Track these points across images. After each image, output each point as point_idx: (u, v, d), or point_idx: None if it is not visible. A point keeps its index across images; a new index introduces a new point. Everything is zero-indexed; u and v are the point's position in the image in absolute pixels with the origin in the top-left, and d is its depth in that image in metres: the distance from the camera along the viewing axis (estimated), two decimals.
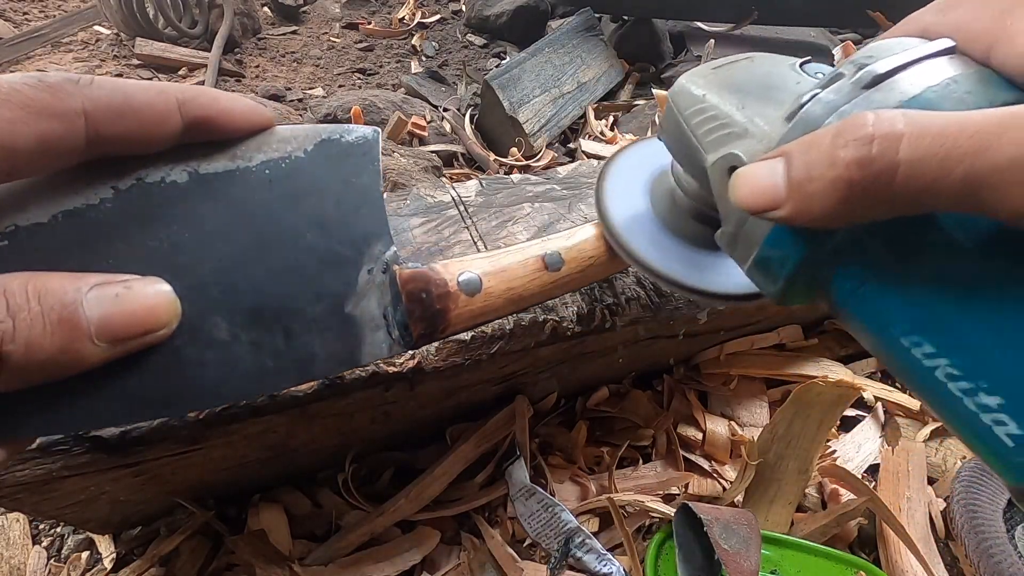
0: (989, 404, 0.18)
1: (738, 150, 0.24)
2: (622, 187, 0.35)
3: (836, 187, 0.18)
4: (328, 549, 0.43)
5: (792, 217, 0.20)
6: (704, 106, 0.26)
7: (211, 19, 1.31)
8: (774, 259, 0.23)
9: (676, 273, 0.32)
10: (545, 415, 0.51)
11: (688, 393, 0.54)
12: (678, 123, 0.27)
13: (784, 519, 0.45)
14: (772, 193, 0.20)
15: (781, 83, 0.25)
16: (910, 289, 0.20)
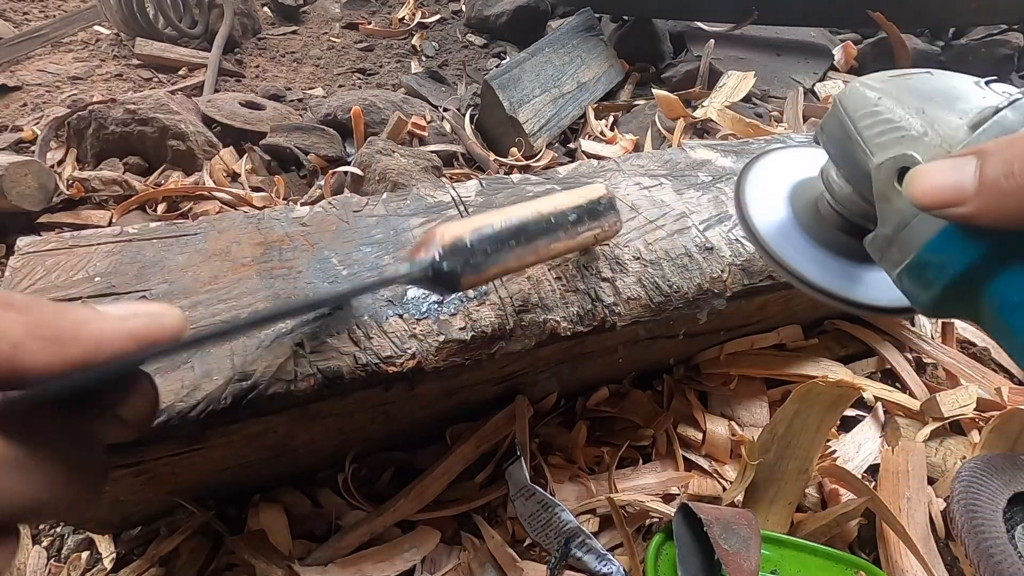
0: None
1: (913, 151, 0.24)
2: (762, 195, 0.36)
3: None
4: (328, 549, 0.43)
5: (977, 215, 0.19)
6: (877, 108, 0.26)
7: (211, 19, 1.31)
8: (933, 264, 0.22)
9: (825, 283, 0.32)
10: (545, 415, 0.51)
11: (688, 393, 0.54)
12: (844, 125, 0.27)
13: (784, 519, 0.45)
14: (958, 189, 0.20)
15: (964, 95, 0.24)
16: None
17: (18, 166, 0.71)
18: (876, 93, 0.26)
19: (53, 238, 0.41)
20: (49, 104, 1.04)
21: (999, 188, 0.19)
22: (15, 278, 0.38)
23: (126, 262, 0.40)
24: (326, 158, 0.88)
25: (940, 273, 0.22)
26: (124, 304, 0.22)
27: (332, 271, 0.40)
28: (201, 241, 0.42)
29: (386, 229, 0.44)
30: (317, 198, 0.79)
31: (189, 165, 0.86)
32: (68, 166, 0.85)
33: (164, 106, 0.86)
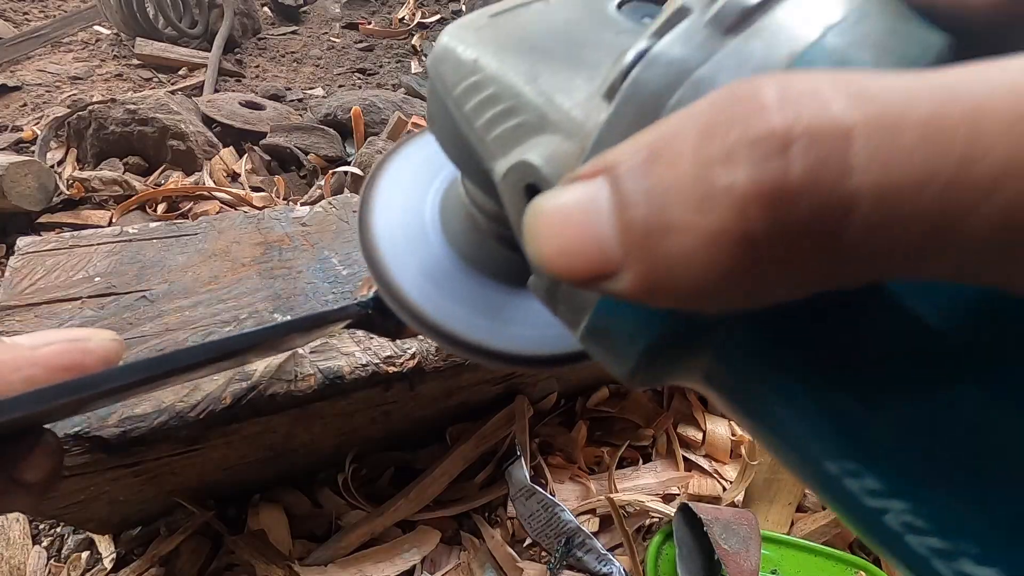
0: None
1: (534, 154, 0.14)
2: (402, 192, 0.24)
3: (721, 248, 0.09)
4: (328, 549, 0.43)
5: (638, 294, 0.11)
6: (478, 79, 0.16)
7: (211, 19, 1.31)
8: (616, 332, 0.14)
9: (457, 325, 0.21)
10: (545, 415, 0.51)
11: (688, 393, 0.54)
12: (445, 108, 0.17)
13: (784, 519, 0.45)
14: (594, 254, 0.11)
15: (593, 36, 0.16)
16: (841, 395, 0.12)
17: (18, 166, 0.71)
18: (473, 50, 0.16)
19: (53, 238, 0.41)
20: (49, 104, 1.04)
21: (657, 251, 0.10)
22: (15, 278, 0.38)
23: (126, 262, 0.40)
24: (326, 158, 0.88)
25: (628, 345, 0.14)
26: (40, 333, 0.20)
27: (332, 271, 0.40)
28: (201, 241, 0.42)
29: None
30: (317, 198, 0.79)
31: (189, 165, 0.86)
32: (68, 166, 0.85)
33: (164, 106, 0.86)
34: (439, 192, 0.24)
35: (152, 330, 0.36)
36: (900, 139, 0.08)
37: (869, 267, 0.09)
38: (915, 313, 0.11)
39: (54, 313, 0.36)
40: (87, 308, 0.37)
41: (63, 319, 0.36)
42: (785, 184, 0.08)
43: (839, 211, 0.08)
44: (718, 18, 0.12)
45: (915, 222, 0.08)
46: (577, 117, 0.14)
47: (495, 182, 0.16)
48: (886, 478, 0.11)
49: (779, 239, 0.08)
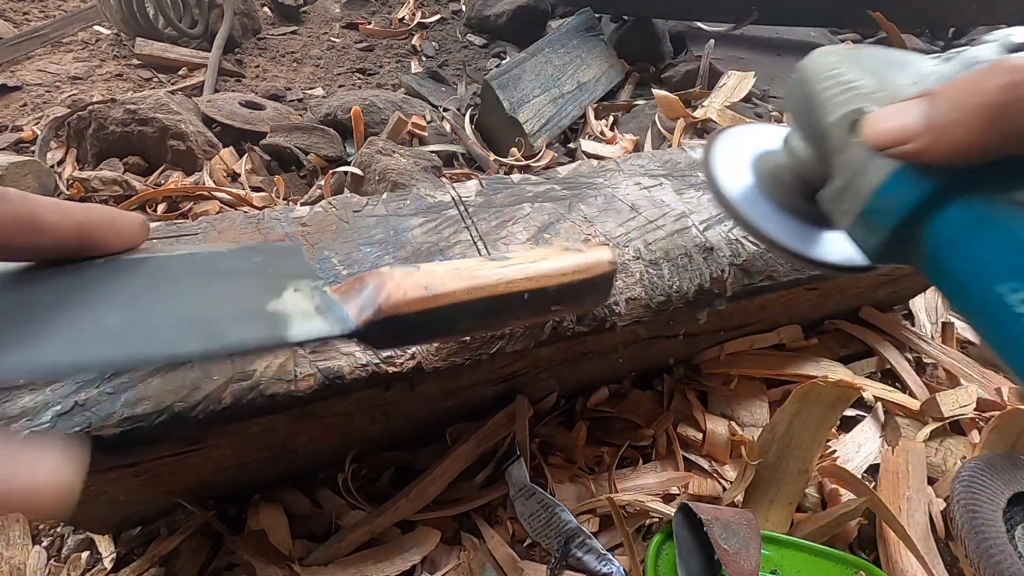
0: None
1: (866, 104, 0.25)
2: (729, 164, 0.38)
3: (981, 113, 0.18)
4: (328, 549, 0.43)
5: (924, 150, 0.20)
6: (835, 72, 0.27)
7: (211, 19, 1.31)
8: (881, 209, 0.23)
9: (787, 241, 0.35)
10: (545, 415, 0.51)
11: (688, 393, 0.54)
12: (804, 90, 0.29)
13: (784, 519, 0.45)
14: (907, 127, 0.21)
15: (916, 61, 0.26)
16: (1018, 231, 0.19)
17: (18, 166, 0.72)
18: (834, 59, 0.28)
19: None
20: (49, 104, 1.04)
21: (945, 121, 0.20)
22: None
23: None
24: (326, 158, 0.88)
25: (887, 217, 0.23)
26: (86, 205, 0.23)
27: (332, 271, 0.40)
28: (201, 241, 0.42)
29: (386, 229, 0.44)
30: (317, 198, 0.79)
31: (189, 165, 0.86)
32: (68, 166, 0.85)
33: (164, 106, 0.86)
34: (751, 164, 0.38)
35: None
36: None
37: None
38: None
39: None
40: None
41: None
42: (1019, 81, 0.18)
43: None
44: (1002, 46, 0.23)
45: None
46: (898, 91, 0.24)
47: (826, 128, 0.27)
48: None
49: (1014, 108, 0.18)
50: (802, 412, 0.45)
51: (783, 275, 0.46)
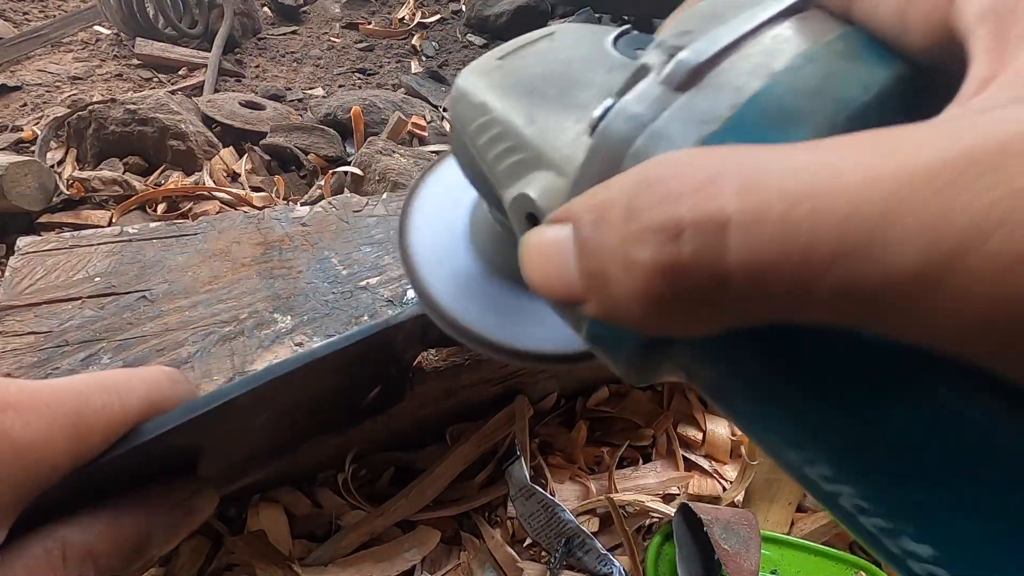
0: (918, 553, 0.12)
1: (531, 189, 0.17)
2: (440, 207, 0.27)
3: (642, 301, 0.12)
4: (328, 549, 0.43)
5: (600, 317, 0.14)
6: (487, 120, 0.18)
7: (211, 19, 1.31)
8: (608, 338, 0.16)
9: (481, 326, 0.24)
10: (545, 415, 0.51)
11: (688, 393, 0.54)
12: (463, 142, 0.20)
13: (784, 519, 0.45)
14: (567, 282, 0.14)
15: (586, 75, 0.18)
16: (787, 398, 0.13)
17: (18, 166, 0.71)
18: (483, 94, 0.19)
19: (53, 238, 0.41)
20: (49, 104, 1.04)
21: (603, 291, 0.13)
22: (15, 278, 0.38)
23: (126, 262, 0.40)
24: (326, 158, 0.88)
25: (618, 349, 0.16)
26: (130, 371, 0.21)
27: (332, 271, 0.40)
28: (201, 241, 0.42)
29: (386, 229, 0.44)
30: (317, 198, 0.79)
31: (189, 165, 0.86)
32: (68, 166, 0.85)
33: (164, 106, 0.86)
34: (470, 209, 0.27)
35: (152, 330, 0.36)
36: (764, 230, 0.10)
37: (753, 316, 0.11)
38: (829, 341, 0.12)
39: (54, 313, 0.36)
40: (87, 308, 0.37)
41: (63, 319, 0.36)
42: (677, 262, 0.11)
43: (719, 282, 0.11)
44: (670, 77, 0.14)
45: (777, 289, 0.10)
46: (566, 155, 0.16)
47: (504, 208, 0.18)
48: (835, 466, 0.13)
49: (678, 299, 0.12)
50: None
51: None
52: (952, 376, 0.11)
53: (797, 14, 0.14)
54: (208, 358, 0.35)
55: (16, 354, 0.34)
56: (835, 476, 0.13)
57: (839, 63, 0.13)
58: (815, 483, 0.13)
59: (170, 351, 0.35)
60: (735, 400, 0.15)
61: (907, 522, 0.12)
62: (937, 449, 0.11)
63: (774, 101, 0.13)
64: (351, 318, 0.38)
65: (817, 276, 0.10)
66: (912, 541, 0.12)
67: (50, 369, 0.33)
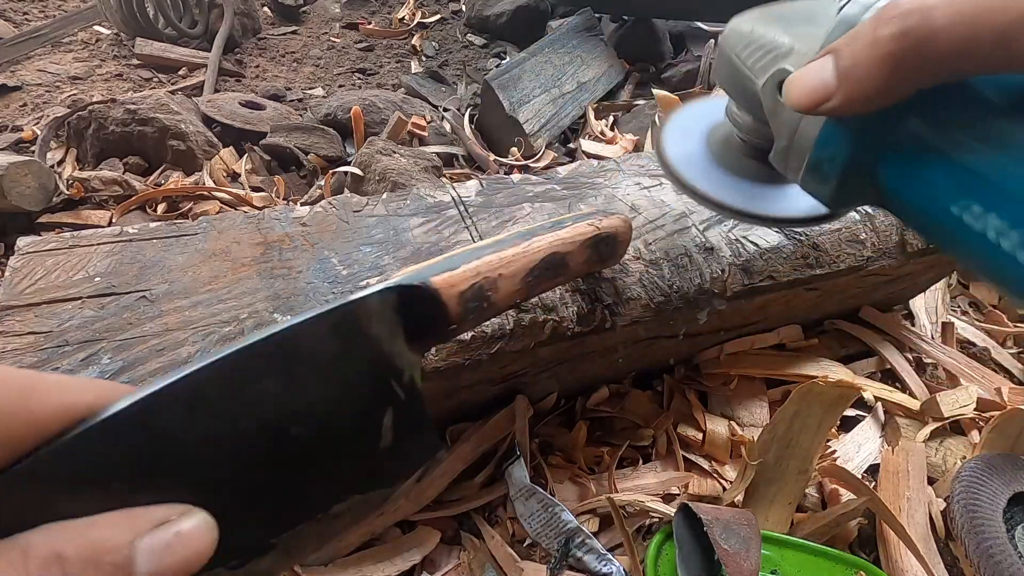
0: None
1: (786, 64, 0.25)
2: (680, 136, 0.38)
3: (882, 63, 0.20)
4: (328, 549, 0.43)
5: (843, 105, 0.22)
6: (752, 38, 0.28)
7: (211, 19, 1.31)
8: (825, 159, 0.24)
9: (732, 201, 0.35)
10: (545, 415, 0.51)
11: (688, 393, 0.54)
12: (730, 61, 0.29)
13: (784, 519, 0.45)
14: (823, 87, 0.22)
15: (823, 10, 0.26)
16: (953, 157, 0.21)
17: (18, 166, 0.71)
18: (749, 25, 0.29)
19: (53, 238, 0.41)
20: (49, 104, 1.04)
21: (853, 76, 0.21)
22: (15, 278, 0.38)
23: (126, 262, 0.40)
24: (326, 158, 0.89)
25: (832, 166, 0.24)
26: None
27: (332, 271, 0.40)
28: (201, 241, 0.42)
29: (386, 229, 0.44)
30: (317, 198, 0.79)
31: (189, 165, 0.86)
32: (68, 166, 0.85)
33: (164, 106, 0.86)
34: (704, 135, 0.38)
35: (152, 330, 0.36)
36: (956, 8, 0.18)
37: (951, 66, 0.19)
38: (986, 98, 0.20)
39: (54, 313, 0.36)
40: (87, 308, 0.37)
41: (63, 319, 0.36)
42: (908, 28, 0.19)
43: (930, 39, 0.19)
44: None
45: (961, 43, 0.19)
46: (812, 45, 0.25)
47: (758, 95, 0.27)
48: (984, 201, 0.20)
49: (908, 54, 0.19)
50: (802, 412, 0.45)
51: (783, 275, 0.46)
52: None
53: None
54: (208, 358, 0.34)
55: (16, 354, 0.34)
56: (984, 211, 0.20)
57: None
58: (968, 228, 0.20)
59: (170, 351, 0.35)
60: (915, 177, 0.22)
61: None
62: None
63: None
64: None
65: (981, 27, 0.18)
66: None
67: (50, 369, 0.33)
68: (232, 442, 0.19)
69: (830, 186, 0.25)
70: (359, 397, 0.23)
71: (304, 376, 0.21)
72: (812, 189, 0.26)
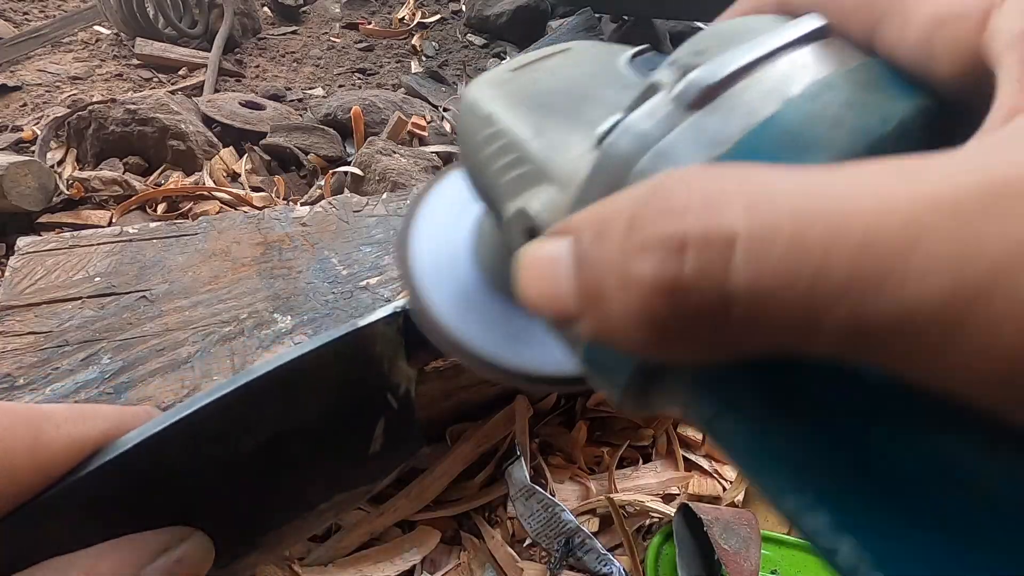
0: None
1: (533, 203, 0.16)
2: (444, 220, 0.26)
3: (637, 318, 0.11)
4: (328, 549, 0.43)
5: (595, 338, 0.13)
6: (494, 131, 0.18)
7: (211, 19, 1.31)
8: (603, 362, 0.15)
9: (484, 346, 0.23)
10: (545, 415, 0.51)
11: None
12: (469, 152, 0.19)
13: (784, 519, 0.45)
14: (562, 299, 0.13)
15: (598, 91, 0.17)
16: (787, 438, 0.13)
17: (18, 166, 0.72)
18: (490, 104, 0.18)
19: (53, 238, 0.41)
20: (49, 104, 1.04)
21: (600, 309, 0.12)
22: (15, 278, 0.38)
23: (126, 262, 0.40)
24: (326, 158, 0.88)
25: (614, 376, 0.15)
26: None
27: (332, 271, 0.40)
28: (201, 241, 0.42)
29: (386, 229, 0.44)
30: (317, 198, 0.79)
31: (189, 165, 0.86)
32: (68, 166, 0.85)
33: (164, 106, 0.86)
34: (474, 222, 0.25)
35: (152, 330, 0.36)
36: (773, 250, 0.09)
37: (755, 345, 0.10)
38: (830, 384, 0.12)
39: (54, 313, 0.36)
40: (87, 308, 0.37)
41: (63, 319, 0.36)
42: (679, 280, 0.10)
43: (722, 304, 0.10)
44: (682, 96, 0.13)
45: (784, 317, 0.09)
46: (570, 171, 0.15)
47: (503, 218, 0.18)
48: (836, 514, 0.12)
49: (677, 321, 0.11)
50: None
51: None
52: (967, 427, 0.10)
53: (817, 41, 0.14)
54: (208, 358, 0.35)
55: (16, 354, 0.34)
56: (836, 525, 0.12)
57: (858, 92, 0.13)
58: (815, 532, 0.12)
59: (170, 351, 0.35)
60: (733, 437, 0.14)
61: None
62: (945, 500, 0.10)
63: (788, 127, 0.12)
64: (351, 318, 0.38)
65: (827, 306, 0.09)
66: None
67: (50, 369, 0.33)
68: (230, 463, 0.20)
69: (616, 396, 0.15)
70: (355, 411, 0.24)
71: (305, 399, 0.22)
72: (596, 385, 0.17)
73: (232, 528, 0.20)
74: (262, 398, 0.20)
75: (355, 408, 0.24)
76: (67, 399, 0.32)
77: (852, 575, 0.11)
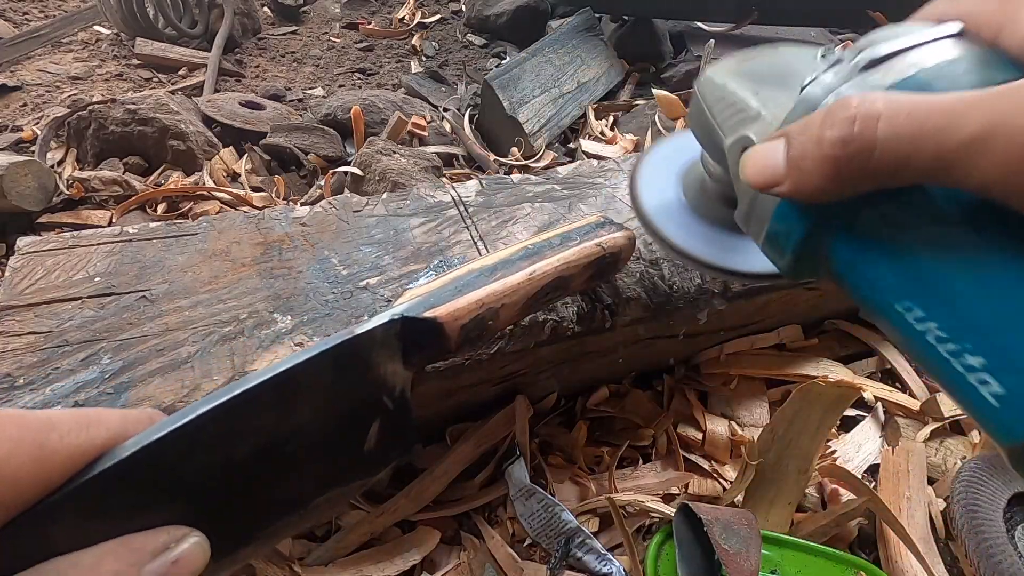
0: (973, 365, 0.19)
1: (750, 132, 0.26)
2: (655, 177, 0.38)
3: (824, 164, 0.20)
4: (328, 549, 0.43)
5: (791, 192, 0.22)
6: (724, 93, 0.28)
7: (211, 19, 1.31)
8: (780, 233, 0.24)
9: (700, 253, 0.35)
10: (545, 415, 0.51)
11: (688, 393, 0.54)
12: (702, 111, 0.29)
13: (784, 519, 0.45)
14: (774, 171, 0.23)
15: (798, 70, 0.26)
16: (901, 256, 0.21)
17: (18, 166, 0.71)
18: (723, 78, 0.29)
19: (53, 238, 0.41)
20: (49, 104, 1.04)
21: (799, 168, 0.21)
22: (15, 278, 0.38)
23: (126, 262, 0.40)
24: (326, 158, 0.88)
25: (787, 241, 0.24)
26: None
27: (332, 271, 0.40)
28: (201, 241, 0.42)
29: (386, 229, 0.44)
30: (317, 198, 0.79)
31: (189, 165, 0.86)
32: (68, 166, 0.85)
33: (164, 106, 0.86)
34: (679, 177, 0.38)
35: (152, 330, 0.36)
36: (897, 119, 0.19)
37: (891, 176, 0.19)
38: (937, 205, 0.20)
39: (54, 313, 0.36)
40: (87, 308, 0.37)
41: (63, 319, 0.36)
42: (850, 135, 0.19)
43: (871, 148, 0.19)
44: (856, 64, 0.22)
45: (900, 154, 0.19)
46: (777, 114, 0.25)
47: (725, 151, 0.27)
48: (926, 308, 0.20)
49: (848, 161, 0.20)
50: (802, 412, 0.45)
51: None
52: None
53: (954, 38, 0.21)
54: (208, 358, 0.35)
55: (16, 354, 0.34)
56: (925, 316, 0.20)
57: (975, 67, 0.20)
58: (910, 326, 0.20)
59: (170, 351, 0.35)
60: (864, 269, 0.22)
61: (968, 341, 0.19)
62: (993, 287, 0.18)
63: (918, 83, 0.20)
64: (351, 318, 0.38)
65: (920, 148, 0.18)
66: (970, 355, 0.19)
67: (50, 369, 0.33)
68: (227, 465, 0.20)
69: (785, 259, 0.25)
70: (351, 413, 0.25)
71: (301, 404, 0.22)
72: (770, 256, 0.26)
73: (228, 526, 0.21)
74: (260, 405, 0.21)
75: (351, 411, 0.25)
76: (67, 399, 0.32)
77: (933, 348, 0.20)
